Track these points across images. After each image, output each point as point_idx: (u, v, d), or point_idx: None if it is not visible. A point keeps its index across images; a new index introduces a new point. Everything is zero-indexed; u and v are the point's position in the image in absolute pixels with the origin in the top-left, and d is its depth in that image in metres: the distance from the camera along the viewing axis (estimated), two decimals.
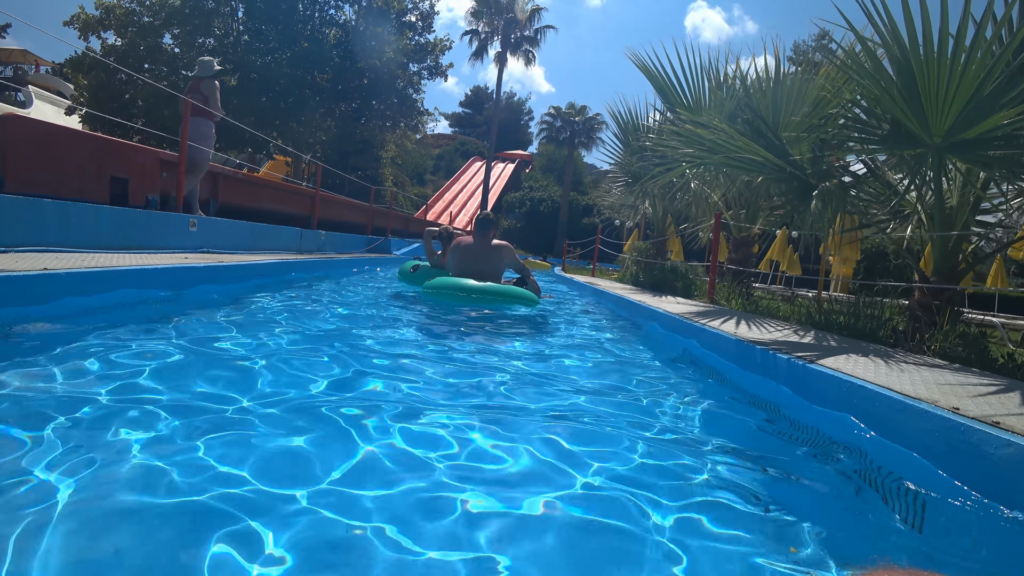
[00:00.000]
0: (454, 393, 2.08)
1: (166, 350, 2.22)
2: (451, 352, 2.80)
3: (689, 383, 2.61)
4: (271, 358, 2.24)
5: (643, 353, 3.27)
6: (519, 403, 2.02)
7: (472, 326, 3.81)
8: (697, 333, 3.25)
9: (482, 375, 2.33)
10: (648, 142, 6.47)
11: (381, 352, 2.60)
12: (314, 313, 3.65)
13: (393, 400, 1.89)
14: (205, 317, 3.03)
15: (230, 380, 1.93)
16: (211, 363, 2.14)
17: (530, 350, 2.98)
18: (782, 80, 4.08)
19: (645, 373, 2.70)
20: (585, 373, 2.59)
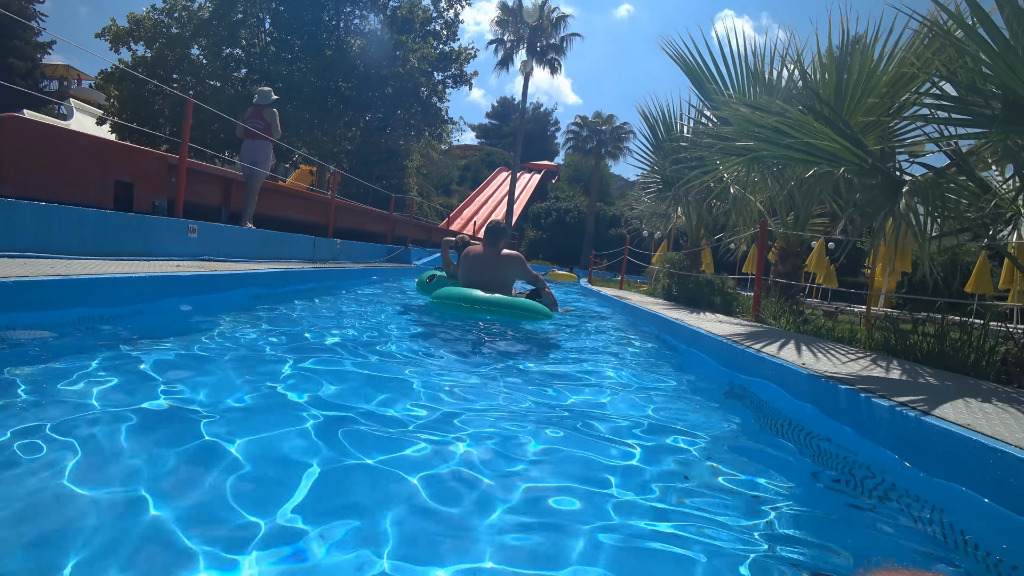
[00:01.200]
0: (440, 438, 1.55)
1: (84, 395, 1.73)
2: (439, 385, 2.26)
3: (749, 435, 2.02)
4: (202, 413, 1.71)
5: (689, 386, 2.69)
6: (546, 466, 1.48)
7: (481, 347, 3.29)
8: (753, 363, 2.65)
9: (495, 423, 1.79)
10: (684, 142, 5.89)
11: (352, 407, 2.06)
12: (292, 338, 3.10)
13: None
14: (150, 342, 2.48)
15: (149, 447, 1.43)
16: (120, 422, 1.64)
17: (550, 388, 2.40)
18: (849, 57, 3.47)
19: (692, 419, 2.12)
20: (623, 419, 2.03)
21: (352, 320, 3.83)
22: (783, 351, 2.76)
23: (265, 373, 2.15)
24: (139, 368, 1.99)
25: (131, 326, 2.75)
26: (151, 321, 2.99)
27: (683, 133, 6.68)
